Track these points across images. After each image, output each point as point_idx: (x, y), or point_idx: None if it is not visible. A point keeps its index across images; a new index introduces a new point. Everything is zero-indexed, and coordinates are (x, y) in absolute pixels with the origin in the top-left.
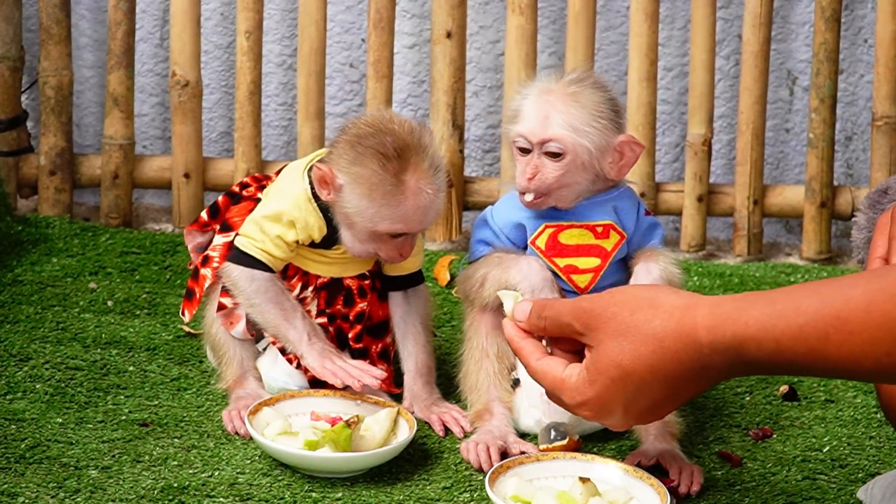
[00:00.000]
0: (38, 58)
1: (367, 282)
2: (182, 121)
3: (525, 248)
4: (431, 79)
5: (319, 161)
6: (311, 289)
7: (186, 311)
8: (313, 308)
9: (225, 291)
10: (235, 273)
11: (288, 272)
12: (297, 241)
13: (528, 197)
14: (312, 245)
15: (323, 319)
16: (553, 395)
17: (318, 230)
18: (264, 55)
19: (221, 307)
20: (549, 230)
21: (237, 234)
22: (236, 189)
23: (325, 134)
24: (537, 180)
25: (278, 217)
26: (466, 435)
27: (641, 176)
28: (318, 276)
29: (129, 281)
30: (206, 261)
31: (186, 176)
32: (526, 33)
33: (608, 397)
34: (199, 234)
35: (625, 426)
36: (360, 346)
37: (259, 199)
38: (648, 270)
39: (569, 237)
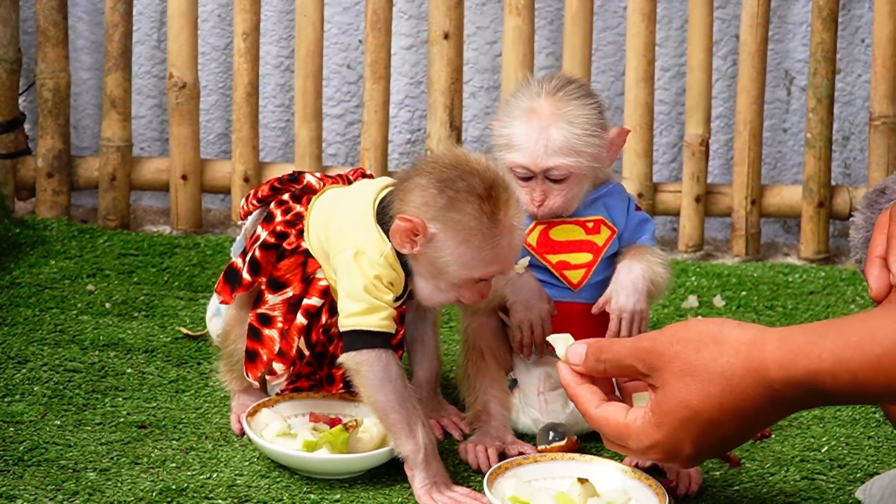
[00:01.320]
0: (36, 60)
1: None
2: (179, 122)
3: None
4: (429, 80)
5: (400, 215)
6: (325, 313)
7: (250, 374)
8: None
9: (254, 340)
10: (364, 360)
11: (316, 276)
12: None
13: (539, 216)
14: None
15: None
16: (617, 442)
17: (399, 286)
18: (261, 57)
19: (255, 355)
20: (540, 227)
21: (353, 315)
22: (271, 240)
23: (322, 135)
24: (546, 206)
25: (379, 285)
26: (466, 436)
27: (639, 176)
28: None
29: (126, 283)
30: (267, 321)
31: (184, 178)
32: (523, 34)
33: (678, 438)
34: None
35: (696, 463)
36: None
37: (306, 251)
38: (630, 268)
39: (559, 233)
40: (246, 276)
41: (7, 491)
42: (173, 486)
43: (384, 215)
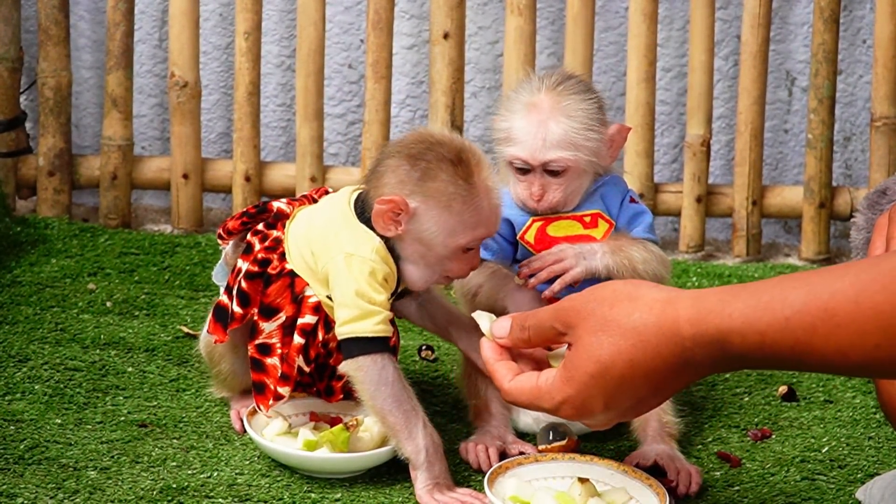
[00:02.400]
0: (37, 59)
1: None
2: (181, 122)
3: (514, 243)
4: (430, 79)
5: (379, 199)
6: (320, 329)
7: (262, 406)
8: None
9: (258, 371)
10: (361, 366)
11: (307, 296)
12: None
13: (540, 210)
14: None
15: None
16: (534, 407)
17: (393, 278)
18: (263, 56)
19: (262, 386)
20: (537, 224)
21: (349, 322)
22: (255, 269)
23: (323, 134)
24: (545, 201)
25: (373, 283)
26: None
27: (640, 177)
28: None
29: (127, 282)
30: (267, 350)
31: (185, 177)
32: (525, 34)
33: (588, 394)
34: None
35: (607, 424)
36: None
37: (291, 272)
38: (591, 245)
39: (557, 229)
40: (237, 308)
41: (8, 489)
42: (174, 485)
43: (364, 211)
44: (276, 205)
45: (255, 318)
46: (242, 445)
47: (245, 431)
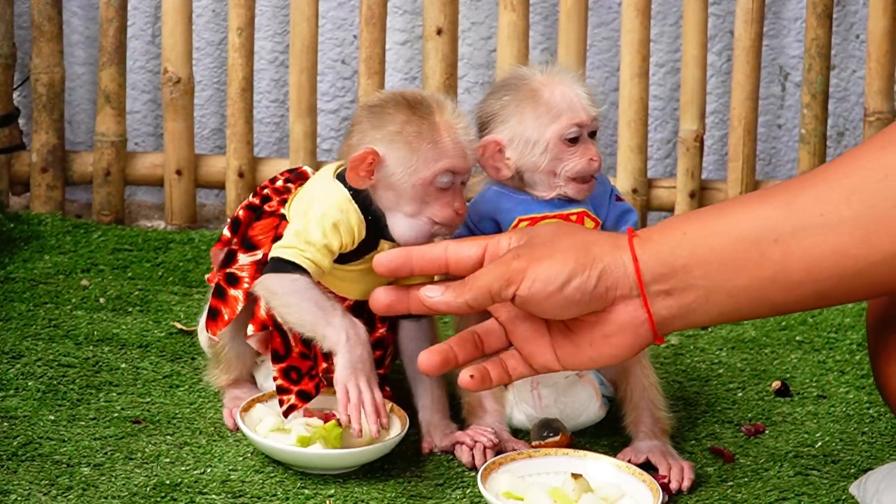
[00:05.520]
0: (30, 55)
1: None
2: (174, 117)
3: None
4: (423, 75)
5: (352, 155)
6: None
7: (210, 330)
8: None
9: (218, 298)
10: (273, 280)
11: None
12: (342, 248)
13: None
14: (342, 260)
15: None
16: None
17: (359, 231)
18: (256, 52)
19: (217, 312)
20: (524, 223)
21: (277, 248)
22: (256, 202)
23: (317, 130)
24: (598, 162)
25: (322, 224)
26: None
27: (633, 172)
28: (345, 299)
29: (121, 278)
30: (234, 281)
31: (178, 173)
32: (518, 30)
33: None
34: (223, 253)
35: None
36: (381, 371)
37: (282, 216)
38: None
39: None
40: (226, 232)
41: (1, 486)
42: (167, 482)
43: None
44: (307, 169)
45: (236, 247)
46: (236, 442)
47: (238, 428)
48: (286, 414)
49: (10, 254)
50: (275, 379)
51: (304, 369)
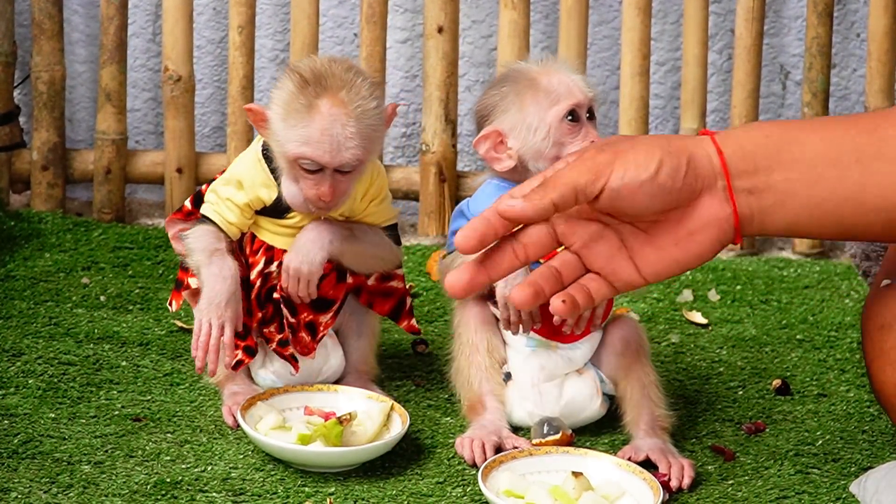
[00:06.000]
0: (31, 53)
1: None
2: (175, 116)
3: None
4: (424, 74)
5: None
6: (275, 264)
7: (174, 302)
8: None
9: (183, 271)
10: (188, 233)
11: (253, 246)
12: (249, 205)
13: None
14: (267, 213)
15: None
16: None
17: (265, 191)
18: (257, 50)
19: (181, 283)
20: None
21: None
22: (217, 178)
23: None
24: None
25: (229, 179)
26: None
27: None
28: (284, 251)
29: (121, 276)
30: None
31: (179, 171)
32: (519, 28)
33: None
34: (180, 223)
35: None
36: (308, 318)
37: None
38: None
39: None
40: (187, 204)
41: (2, 484)
42: (168, 479)
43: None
44: None
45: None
46: (236, 439)
47: (238, 426)
48: (235, 368)
49: (11, 252)
50: None
51: (250, 325)
